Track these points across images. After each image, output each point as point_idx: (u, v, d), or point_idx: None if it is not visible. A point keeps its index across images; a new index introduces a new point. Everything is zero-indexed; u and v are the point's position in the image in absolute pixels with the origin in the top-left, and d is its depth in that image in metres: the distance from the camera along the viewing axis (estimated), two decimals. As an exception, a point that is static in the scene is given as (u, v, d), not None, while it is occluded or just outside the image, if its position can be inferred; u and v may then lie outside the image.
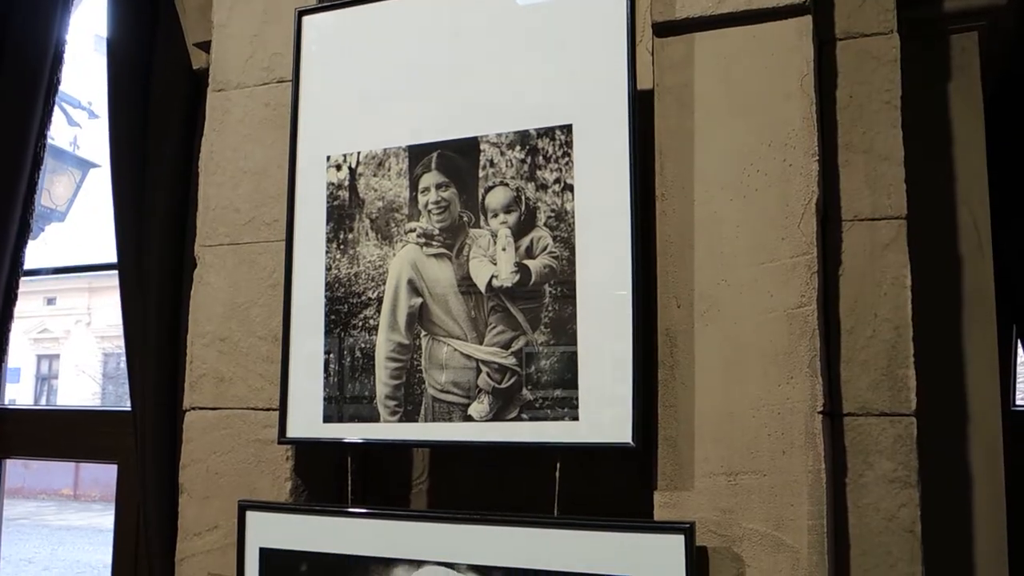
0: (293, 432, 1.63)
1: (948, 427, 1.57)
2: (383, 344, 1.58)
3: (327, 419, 1.61)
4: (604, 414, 1.42)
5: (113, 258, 2.25)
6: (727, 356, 1.43)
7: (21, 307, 2.51)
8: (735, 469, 1.40)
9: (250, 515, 1.63)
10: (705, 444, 1.42)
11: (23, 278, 2.51)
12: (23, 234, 2.49)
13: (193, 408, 1.78)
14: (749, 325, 1.42)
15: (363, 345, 1.60)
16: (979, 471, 1.57)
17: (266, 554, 1.61)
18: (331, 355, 1.62)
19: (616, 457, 1.59)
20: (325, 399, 1.61)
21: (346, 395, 1.60)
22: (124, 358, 2.22)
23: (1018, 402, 1.98)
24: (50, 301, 19.50)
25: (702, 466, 1.42)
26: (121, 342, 2.24)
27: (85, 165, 5.99)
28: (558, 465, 1.46)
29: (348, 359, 1.61)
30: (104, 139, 2.30)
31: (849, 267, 1.47)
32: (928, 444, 1.44)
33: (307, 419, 1.62)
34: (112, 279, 2.27)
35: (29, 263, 2.55)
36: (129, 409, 2.20)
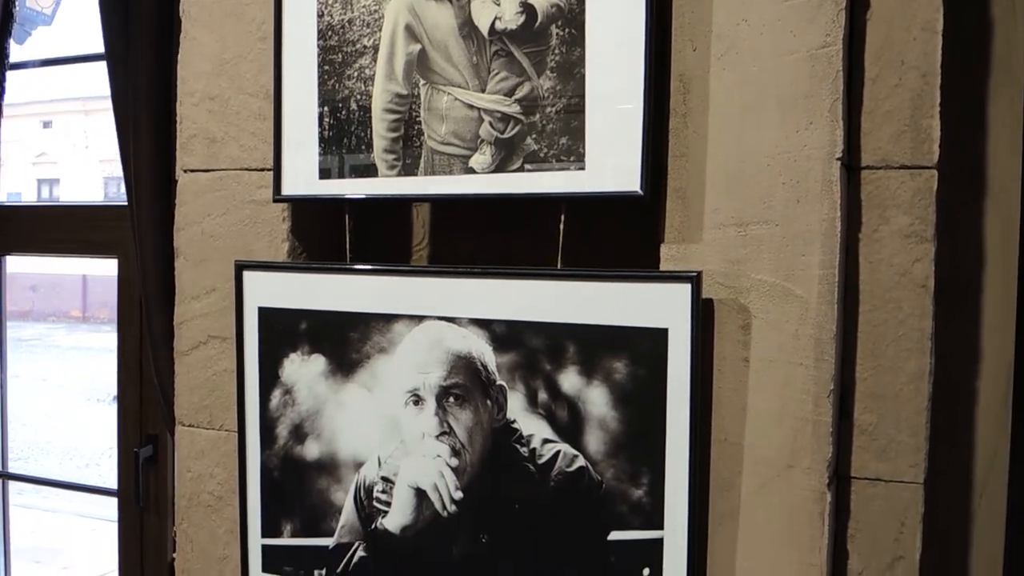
0: (288, 190, 1.57)
1: (966, 187, 1.51)
2: (380, 95, 1.50)
3: (323, 175, 1.55)
4: (612, 163, 1.36)
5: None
6: (743, 101, 1.35)
7: (16, 130, 2.43)
8: (746, 219, 1.35)
9: (248, 275, 1.60)
10: (716, 194, 1.37)
11: (11, 72, 2.40)
12: (7, 22, 2.37)
13: (186, 171, 1.72)
14: (768, 67, 1.33)
15: (359, 97, 1.51)
16: (991, 233, 1.51)
17: (265, 313, 1.59)
18: (326, 109, 1.54)
19: (623, 212, 1.53)
20: (320, 155, 1.55)
21: (342, 150, 1.53)
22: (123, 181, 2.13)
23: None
24: (46, 124, 19.20)
25: (712, 217, 1.37)
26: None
27: (68, -36, 5.72)
28: (563, 217, 1.41)
29: (343, 112, 1.53)
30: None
31: (877, 10, 1.36)
32: (944, 201, 1.38)
33: (303, 176, 1.56)
34: (107, 101, 2.15)
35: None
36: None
